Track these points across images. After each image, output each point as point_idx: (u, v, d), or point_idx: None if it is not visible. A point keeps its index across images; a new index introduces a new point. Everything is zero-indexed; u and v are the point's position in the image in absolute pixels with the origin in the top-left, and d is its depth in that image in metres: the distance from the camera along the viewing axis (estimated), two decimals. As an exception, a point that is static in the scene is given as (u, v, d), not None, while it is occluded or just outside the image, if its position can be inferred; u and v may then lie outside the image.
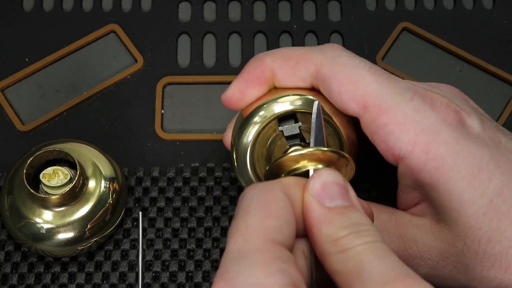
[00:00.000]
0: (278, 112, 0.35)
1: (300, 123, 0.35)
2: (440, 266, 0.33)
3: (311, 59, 0.34)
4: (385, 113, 0.32)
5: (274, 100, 0.35)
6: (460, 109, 0.33)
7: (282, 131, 0.35)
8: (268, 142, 0.36)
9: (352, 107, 0.33)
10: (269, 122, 0.35)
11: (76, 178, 0.37)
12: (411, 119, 0.32)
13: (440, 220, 0.33)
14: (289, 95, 0.35)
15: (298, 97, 0.35)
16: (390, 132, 0.32)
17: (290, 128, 0.35)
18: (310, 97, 0.35)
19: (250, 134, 0.35)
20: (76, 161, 0.38)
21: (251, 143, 0.35)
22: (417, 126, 0.32)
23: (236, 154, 0.36)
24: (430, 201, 0.33)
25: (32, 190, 0.37)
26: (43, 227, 0.38)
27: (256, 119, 0.35)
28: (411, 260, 0.33)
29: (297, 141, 0.35)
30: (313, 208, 0.29)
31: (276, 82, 0.35)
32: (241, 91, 0.35)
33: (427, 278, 0.32)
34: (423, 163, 0.32)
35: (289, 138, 0.35)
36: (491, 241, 0.31)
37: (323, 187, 0.29)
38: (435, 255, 0.33)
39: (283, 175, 0.32)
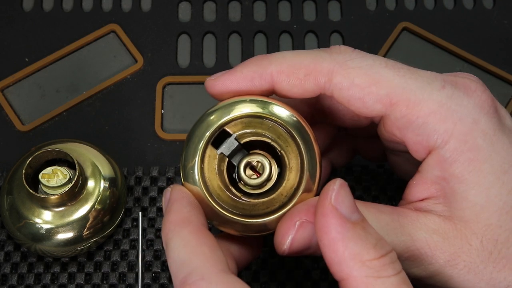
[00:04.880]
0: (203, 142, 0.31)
1: (234, 134, 0.31)
2: (450, 265, 0.31)
3: (321, 70, 0.31)
4: (416, 105, 0.30)
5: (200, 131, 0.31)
6: (493, 97, 0.32)
7: (222, 153, 0.31)
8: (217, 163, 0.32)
9: (377, 108, 0.31)
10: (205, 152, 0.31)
11: (75, 178, 0.37)
12: (447, 107, 0.30)
13: (453, 217, 0.31)
14: (212, 114, 0.31)
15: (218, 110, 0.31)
16: (425, 124, 0.30)
17: (228, 146, 0.31)
18: (233, 100, 0.31)
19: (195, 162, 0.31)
20: (75, 161, 0.38)
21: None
22: (454, 114, 0.30)
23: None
24: (447, 196, 0.31)
25: (31, 190, 0.37)
26: (42, 227, 0.38)
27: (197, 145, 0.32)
28: (422, 260, 0.31)
29: (240, 155, 0.32)
30: (337, 223, 0.28)
31: (279, 92, 0.32)
32: (225, 86, 0.32)
33: (433, 277, 0.31)
34: (458, 154, 0.30)
35: (233, 155, 0.32)
36: (508, 241, 0.30)
37: (343, 199, 0.28)
38: (448, 253, 0.31)
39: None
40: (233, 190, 0.31)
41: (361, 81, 0.31)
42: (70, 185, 0.37)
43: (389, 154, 0.36)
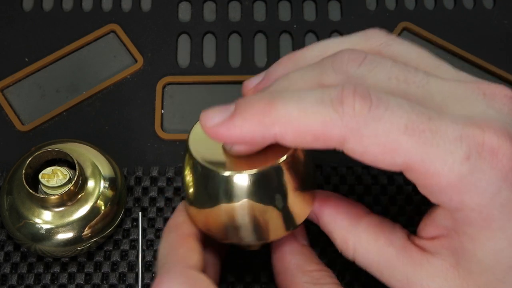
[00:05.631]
0: None
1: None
2: None
3: (331, 137, 0.28)
4: (434, 177, 0.28)
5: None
6: None
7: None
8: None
9: (393, 170, 0.29)
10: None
11: (75, 178, 0.37)
12: (467, 181, 0.28)
13: (458, 266, 0.30)
14: None
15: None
16: (441, 194, 0.28)
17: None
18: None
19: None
20: (75, 161, 0.38)
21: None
22: (474, 189, 0.28)
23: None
24: (456, 247, 0.30)
25: (31, 190, 0.37)
26: (42, 228, 0.38)
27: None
28: None
29: None
30: (290, 241, 0.35)
31: (280, 144, 0.29)
32: (222, 137, 0.30)
33: None
34: (471, 221, 0.29)
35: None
36: None
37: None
38: None
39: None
40: None
41: (376, 150, 0.28)
42: (70, 185, 0.37)
43: None
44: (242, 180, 0.30)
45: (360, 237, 0.32)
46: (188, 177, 0.32)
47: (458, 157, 0.27)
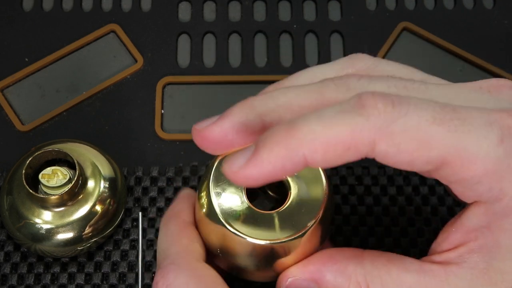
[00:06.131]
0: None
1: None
2: None
3: (362, 142, 0.26)
4: (471, 164, 0.27)
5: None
6: None
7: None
8: None
9: (427, 169, 0.28)
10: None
11: (75, 178, 0.37)
12: (506, 165, 0.27)
13: (489, 269, 0.29)
14: None
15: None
16: (479, 183, 0.27)
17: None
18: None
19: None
20: (75, 161, 0.38)
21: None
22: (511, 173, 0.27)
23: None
24: (488, 246, 0.29)
25: (31, 191, 0.37)
26: (42, 228, 0.38)
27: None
28: None
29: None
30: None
31: (311, 166, 0.28)
32: (250, 177, 0.27)
33: None
34: (511, 210, 0.28)
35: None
36: None
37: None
38: None
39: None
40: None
41: (408, 147, 0.26)
42: (70, 185, 0.37)
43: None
44: (275, 248, 0.31)
45: (372, 275, 0.30)
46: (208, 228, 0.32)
47: (492, 140, 0.27)
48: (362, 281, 0.30)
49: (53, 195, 0.37)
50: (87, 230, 0.39)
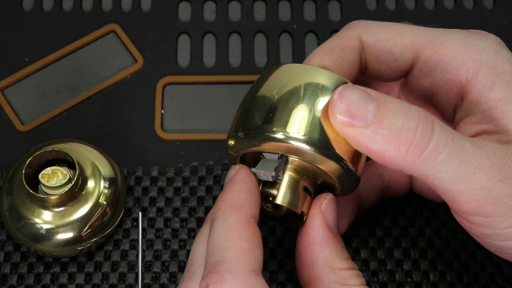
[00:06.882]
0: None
1: (275, 165, 0.31)
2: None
3: (350, 38, 0.34)
4: (440, 45, 0.33)
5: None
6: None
7: (255, 173, 0.31)
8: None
9: (405, 57, 0.34)
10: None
11: (75, 178, 0.37)
12: (469, 42, 0.33)
13: (503, 141, 0.31)
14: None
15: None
16: (453, 59, 0.33)
17: (264, 174, 0.31)
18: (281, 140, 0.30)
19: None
20: (75, 161, 0.38)
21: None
22: (477, 47, 0.33)
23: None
24: (500, 122, 0.31)
25: (31, 191, 0.37)
26: (42, 228, 0.38)
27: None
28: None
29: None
30: (320, 226, 0.32)
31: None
32: None
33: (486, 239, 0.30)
34: (494, 77, 0.32)
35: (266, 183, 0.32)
36: None
37: (331, 211, 0.32)
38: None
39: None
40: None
41: (385, 35, 0.34)
42: (70, 185, 0.37)
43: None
44: None
45: None
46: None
47: (452, 31, 0.34)
48: None
49: (53, 195, 0.37)
50: (87, 230, 0.39)
